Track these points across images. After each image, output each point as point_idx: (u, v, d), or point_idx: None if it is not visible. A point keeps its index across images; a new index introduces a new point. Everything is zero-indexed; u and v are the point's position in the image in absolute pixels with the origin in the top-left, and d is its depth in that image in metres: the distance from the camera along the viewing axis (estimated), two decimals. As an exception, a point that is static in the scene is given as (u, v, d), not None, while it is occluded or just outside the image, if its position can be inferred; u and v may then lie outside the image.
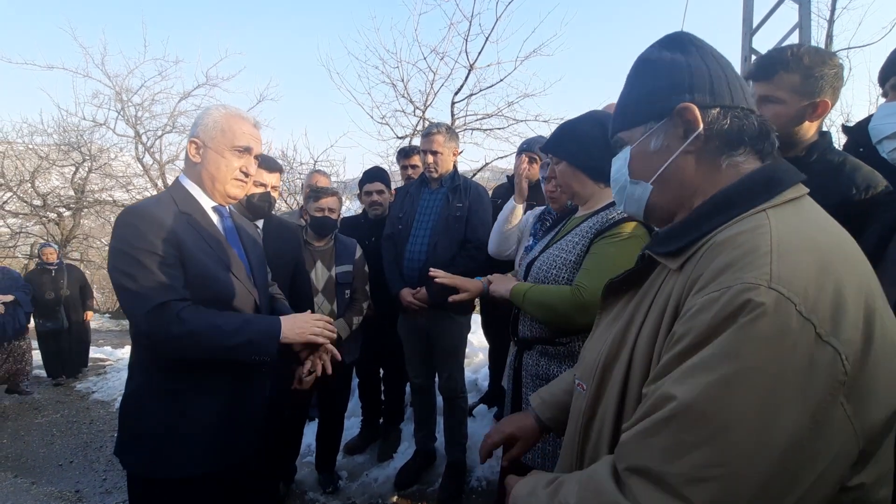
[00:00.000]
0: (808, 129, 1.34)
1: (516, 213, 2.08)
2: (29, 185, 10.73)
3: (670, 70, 0.74)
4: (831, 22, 5.88)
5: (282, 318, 1.37)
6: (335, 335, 1.46)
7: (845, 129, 1.59)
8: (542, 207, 1.98)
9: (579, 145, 1.50)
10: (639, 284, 0.79)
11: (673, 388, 0.55)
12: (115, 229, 1.27)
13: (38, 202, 10.78)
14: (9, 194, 10.76)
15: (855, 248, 0.62)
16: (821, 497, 0.53)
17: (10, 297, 4.86)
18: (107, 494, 3.05)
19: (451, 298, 1.71)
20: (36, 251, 7.72)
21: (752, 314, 0.52)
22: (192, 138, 1.39)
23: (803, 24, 3.74)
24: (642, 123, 0.77)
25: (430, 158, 2.51)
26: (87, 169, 10.91)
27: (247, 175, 1.42)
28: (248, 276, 1.44)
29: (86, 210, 11.74)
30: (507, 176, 3.47)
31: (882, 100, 1.29)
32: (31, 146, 10.66)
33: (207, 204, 1.41)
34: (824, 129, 1.40)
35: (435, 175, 2.55)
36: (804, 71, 1.26)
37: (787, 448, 0.50)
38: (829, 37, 5.90)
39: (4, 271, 5.24)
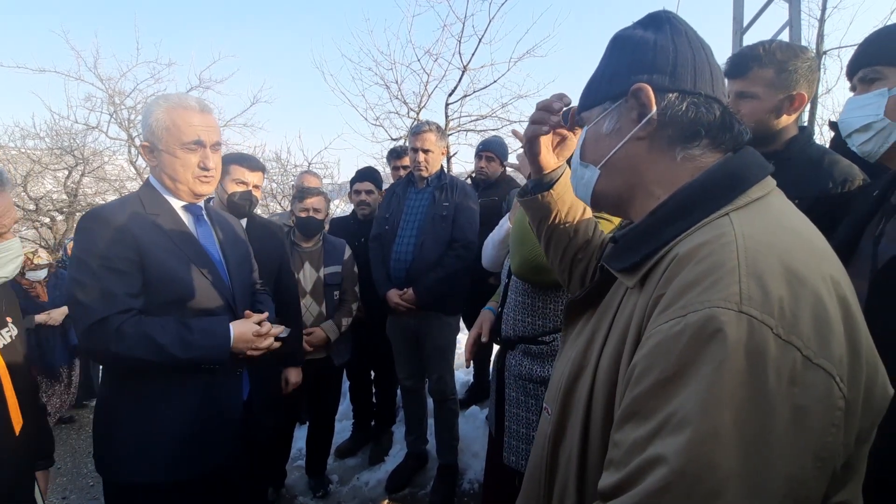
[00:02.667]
0: (786, 123, 1.34)
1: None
2: (21, 189, 10.65)
3: (635, 48, 0.67)
4: (822, 21, 5.89)
5: (233, 326, 1.32)
6: (272, 343, 1.43)
7: (832, 125, 1.58)
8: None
9: None
10: (599, 299, 0.73)
11: (659, 446, 0.48)
12: (74, 234, 1.25)
13: (31, 206, 10.70)
14: (1, 199, 10.70)
15: (825, 245, 0.57)
16: None
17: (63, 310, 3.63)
18: (94, 501, 3.01)
19: (482, 340, 1.71)
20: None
21: (725, 349, 0.46)
22: (143, 142, 1.32)
23: (793, 23, 3.74)
24: (600, 103, 0.71)
25: (422, 157, 2.47)
26: (80, 172, 10.83)
27: (207, 169, 1.33)
28: (221, 275, 1.40)
29: (79, 214, 11.66)
30: (470, 177, 3.50)
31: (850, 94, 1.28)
32: (23, 150, 10.58)
33: (177, 204, 1.37)
34: (804, 123, 1.40)
35: (425, 174, 2.52)
36: (777, 65, 1.27)
37: (789, 493, 0.46)
38: (821, 36, 5.91)
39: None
